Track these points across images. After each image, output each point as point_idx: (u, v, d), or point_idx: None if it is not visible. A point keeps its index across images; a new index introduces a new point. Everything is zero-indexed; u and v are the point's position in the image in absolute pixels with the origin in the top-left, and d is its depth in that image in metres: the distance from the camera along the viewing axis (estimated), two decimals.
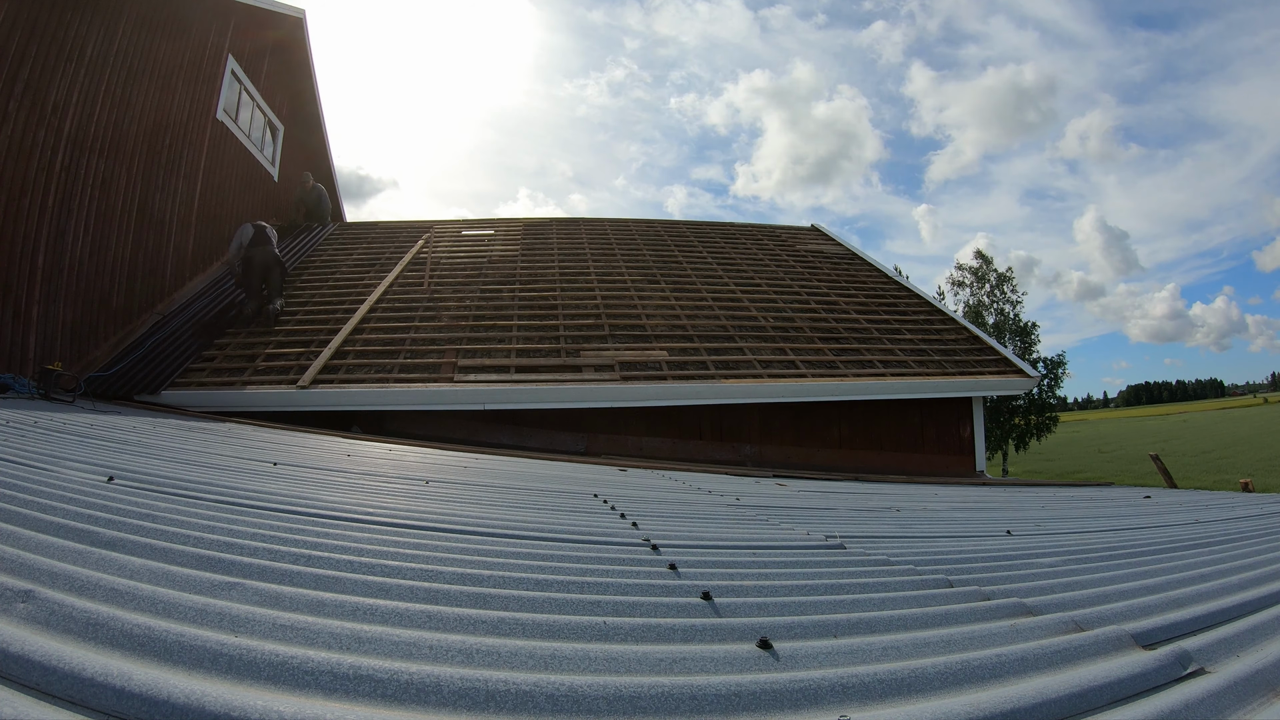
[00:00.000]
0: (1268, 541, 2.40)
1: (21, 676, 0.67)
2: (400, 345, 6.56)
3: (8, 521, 1.22)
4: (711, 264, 9.60)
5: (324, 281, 8.31)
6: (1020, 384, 7.16)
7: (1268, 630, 1.22)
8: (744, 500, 3.16)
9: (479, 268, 8.91)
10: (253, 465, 2.73)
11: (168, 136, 7.29)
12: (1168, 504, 4.08)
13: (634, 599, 1.21)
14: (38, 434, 2.75)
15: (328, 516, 1.75)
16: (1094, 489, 6.08)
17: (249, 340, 6.62)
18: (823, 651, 1.00)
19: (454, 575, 1.26)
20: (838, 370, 6.72)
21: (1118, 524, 2.96)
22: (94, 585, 0.93)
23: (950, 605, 1.33)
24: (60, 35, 5.47)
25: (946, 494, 4.40)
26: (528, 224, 11.44)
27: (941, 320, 8.38)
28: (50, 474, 1.82)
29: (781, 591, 1.36)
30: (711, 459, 6.47)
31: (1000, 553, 2.02)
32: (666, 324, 7.39)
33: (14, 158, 5.10)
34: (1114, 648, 1.09)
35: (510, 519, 2.02)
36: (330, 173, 13.28)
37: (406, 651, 0.86)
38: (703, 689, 0.81)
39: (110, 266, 6.27)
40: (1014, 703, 0.84)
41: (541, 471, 3.90)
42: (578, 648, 0.92)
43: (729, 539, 1.98)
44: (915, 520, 2.84)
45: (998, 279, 28.18)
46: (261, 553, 1.27)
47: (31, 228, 5.33)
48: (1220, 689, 0.93)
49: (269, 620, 0.89)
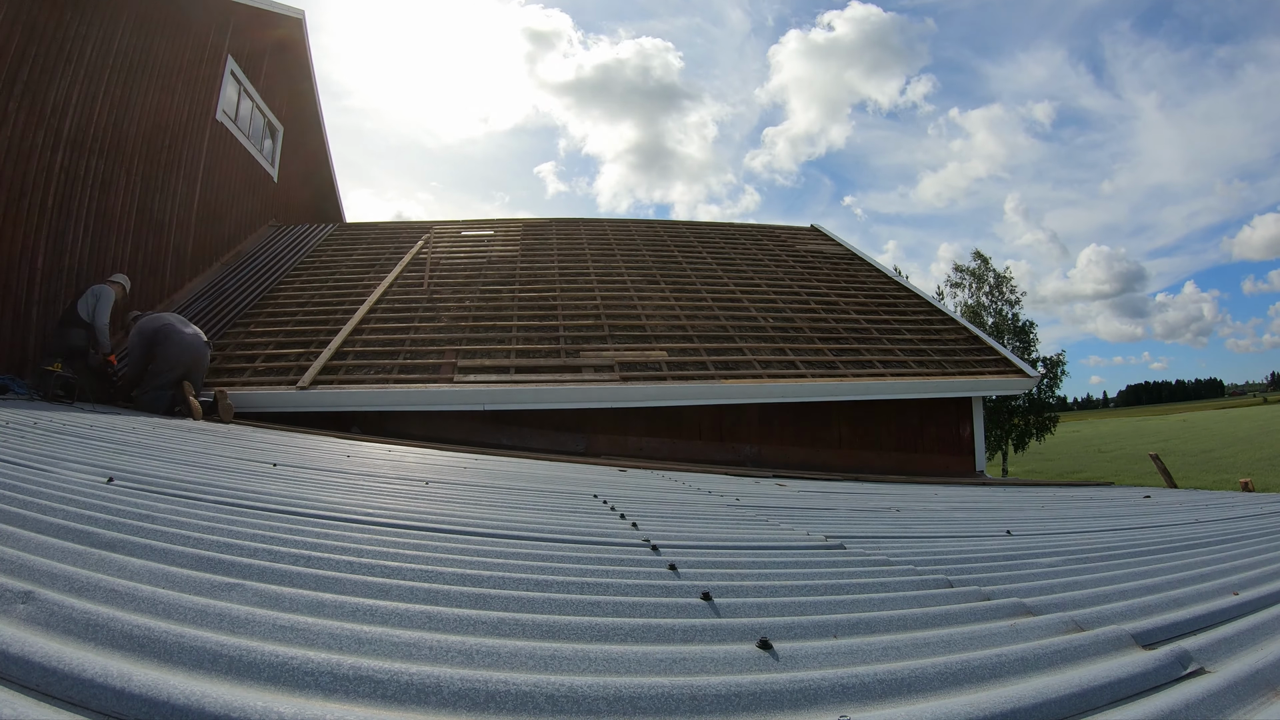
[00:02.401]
0: (1267, 541, 2.40)
1: (21, 678, 0.67)
2: (400, 346, 6.56)
3: (7, 522, 1.22)
4: (711, 264, 9.60)
5: (324, 282, 8.30)
6: (1020, 384, 7.16)
7: (1268, 630, 1.22)
8: (744, 500, 3.16)
9: (479, 268, 8.91)
10: (252, 466, 2.73)
11: (167, 137, 7.29)
12: (1167, 504, 4.08)
13: (634, 599, 1.21)
14: (37, 435, 2.75)
15: (327, 517, 1.75)
16: (1094, 489, 6.08)
17: (249, 340, 6.62)
18: (822, 651, 1.00)
19: (454, 576, 1.26)
20: (837, 370, 6.72)
21: (1118, 524, 2.96)
22: (94, 586, 0.93)
23: (950, 605, 1.33)
24: (59, 36, 5.47)
25: (946, 494, 4.40)
26: (527, 224, 11.44)
27: (941, 320, 8.38)
28: (50, 475, 1.82)
29: (781, 592, 1.36)
30: (711, 459, 6.46)
31: (1000, 553, 2.02)
32: (666, 324, 7.40)
33: (13, 158, 5.09)
34: (1114, 647, 1.09)
35: (510, 519, 2.02)
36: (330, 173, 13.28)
37: (406, 652, 0.86)
38: (702, 689, 0.81)
39: (110, 267, 6.27)
40: (1014, 703, 0.84)
41: (541, 472, 3.90)
42: (577, 648, 0.92)
43: (729, 539, 1.98)
44: (915, 520, 2.84)
45: (996, 279, 28.22)
46: (261, 554, 1.27)
47: (31, 228, 5.33)
48: (1220, 689, 0.93)
49: (269, 621, 0.89)
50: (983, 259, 28.58)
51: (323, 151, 12.91)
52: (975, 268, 28.58)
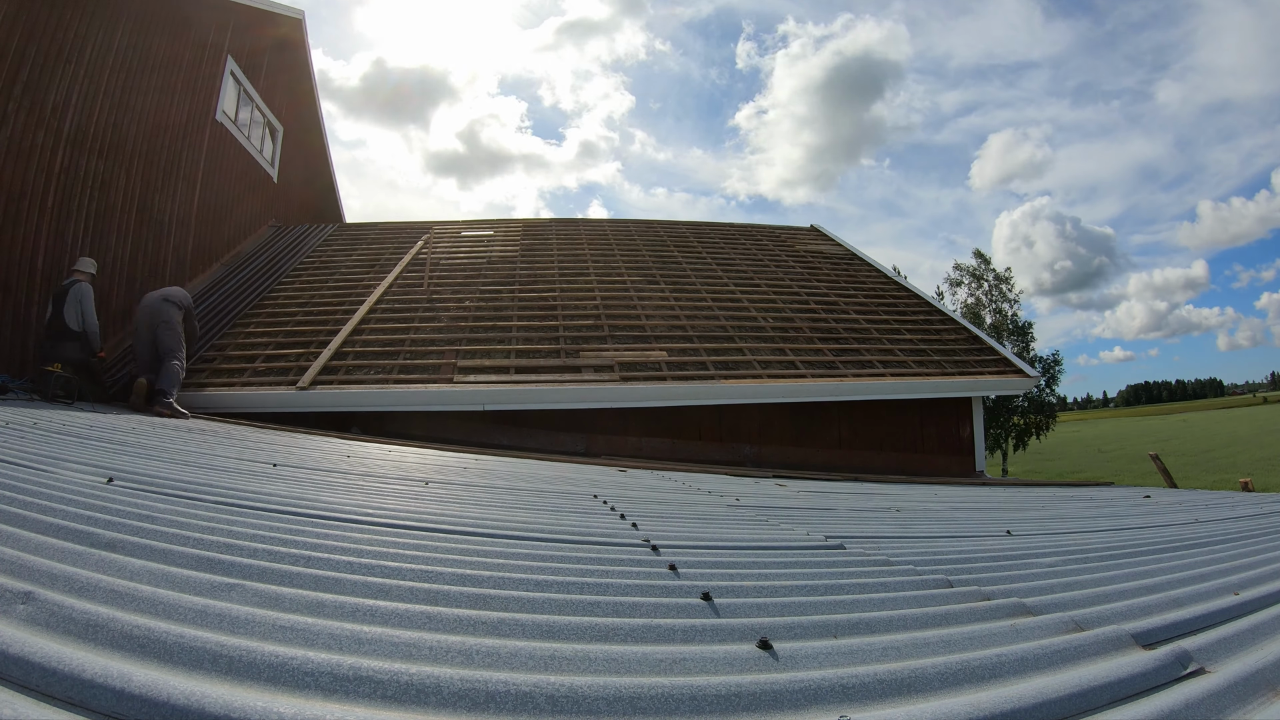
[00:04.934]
0: (1267, 541, 2.40)
1: (21, 678, 0.67)
2: (400, 346, 6.56)
3: (7, 523, 1.22)
4: (711, 264, 9.60)
5: (323, 282, 8.30)
6: (1020, 384, 7.17)
7: (1268, 630, 1.22)
8: (744, 501, 3.16)
9: (478, 268, 8.91)
10: (252, 466, 2.73)
11: (167, 137, 7.29)
12: (1167, 504, 4.08)
13: (634, 600, 1.21)
14: (37, 435, 2.75)
15: (327, 518, 1.75)
16: (1094, 489, 6.08)
17: (249, 340, 6.63)
18: (822, 652, 1.00)
19: (453, 576, 1.26)
20: (837, 370, 6.72)
21: (1118, 524, 2.96)
22: (93, 586, 0.93)
23: (950, 605, 1.33)
24: (59, 36, 5.47)
25: (946, 494, 4.40)
26: (527, 224, 11.45)
27: (941, 320, 8.38)
28: (50, 475, 1.82)
29: (781, 592, 1.36)
30: (711, 459, 6.46)
31: (1000, 553, 2.02)
32: (666, 324, 7.40)
33: (13, 158, 5.09)
34: (1114, 647, 1.09)
35: (510, 519, 2.02)
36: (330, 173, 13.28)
37: (406, 652, 0.86)
38: (703, 689, 0.82)
39: (109, 267, 6.27)
40: (1014, 703, 0.84)
41: (541, 472, 3.90)
42: (578, 648, 0.92)
43: (729, 539, 1.98)
44: (915, 520, 2.84)
45: (995, 279, 28.27)
46: (261, 554, 1.27)
47: (31, 228, 5.33)
48: (1220, 688, 0.93)
49: (268, 621, 0.89)
50: (983, 258, 28.66)
51: (323, 152, 12.91)
52: (975, 266, 28.64)
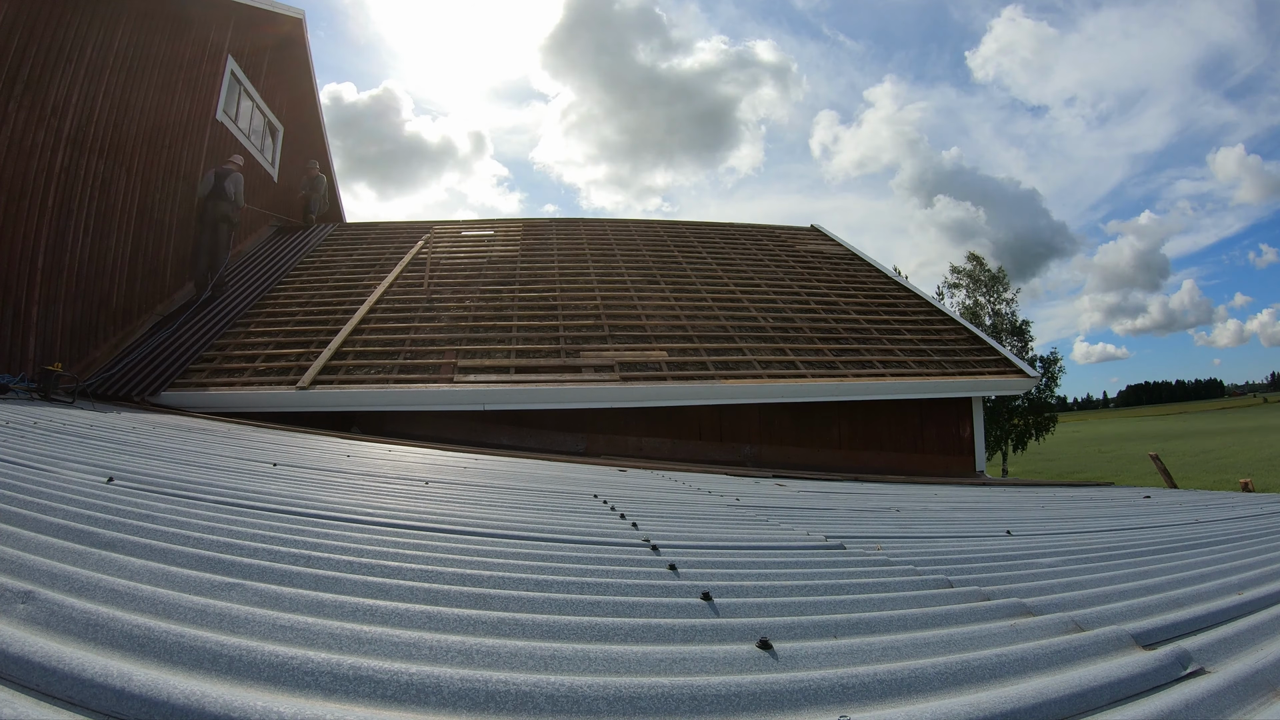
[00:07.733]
0: (1267, 541, 2.40)
1: (22, 678, 0.67)
2: (400, 346, 6.56)
3: (7, 522, 1.22)
4: (711, 264, 9.60)
5: (324, 282, 8.30)
6: (1020, 384, 7.17)
7: (1267, 630, 1.22)
8: (744, 500, 3.15)
9: (479, 268, 8.91)
10: (252, 466, 2.73)
11: (167, 137, 7.29)
12: (1168, 504, 4.08)
13: (634, 599, 1.21)
14: (37, 435, 2.75)
15: (327, 517, 1.75)
16: (1094, 489, 6.08)
17: (249, 340, 6.63)
18: (822, 652, 1.00)
19: (454, 576, 1.26)
20: (837, 370, 6.72)
21: (1118, 524, 2.96)
22: (94, 586, 0.93)
23: (950, 605, 1.33)
24: (60, 35, 5.46)
25: (946, 494, 4.40)
26: (527, 224, 11.45)
27: (941, 320, 8.38)
28: (50, 475, 1.82)
29: (781, 592, 1.36)
30: (711, 459, 6.46)
31: (1000, 553, 2.02)
32: (666, 324, 7.40)
33: (14, 158, 5.09)
34: (1114, 648, 1.09)
35: (510, 519, 2.02)
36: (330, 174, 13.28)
37: (406, 652, 0.86)
38: (703, 689, 0.81)
39: (110, 267, 6.27)
40: (1014, 703, 0.84)
41: (541, 472, 3.90)
42: (578, 648, 0.92)
43: (729, 539, 1.98)
44: (915, 520, 2.84)
45: (990, 279, 28.38)
46: (261, 553, 1.27)
47: (31, 228, 5.32)
48: (1220, 689, 0.93)
49: (269, 621, 0.89)
50: (978, 259, 28.88)
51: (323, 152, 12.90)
52: (971, 269, 28.81)
